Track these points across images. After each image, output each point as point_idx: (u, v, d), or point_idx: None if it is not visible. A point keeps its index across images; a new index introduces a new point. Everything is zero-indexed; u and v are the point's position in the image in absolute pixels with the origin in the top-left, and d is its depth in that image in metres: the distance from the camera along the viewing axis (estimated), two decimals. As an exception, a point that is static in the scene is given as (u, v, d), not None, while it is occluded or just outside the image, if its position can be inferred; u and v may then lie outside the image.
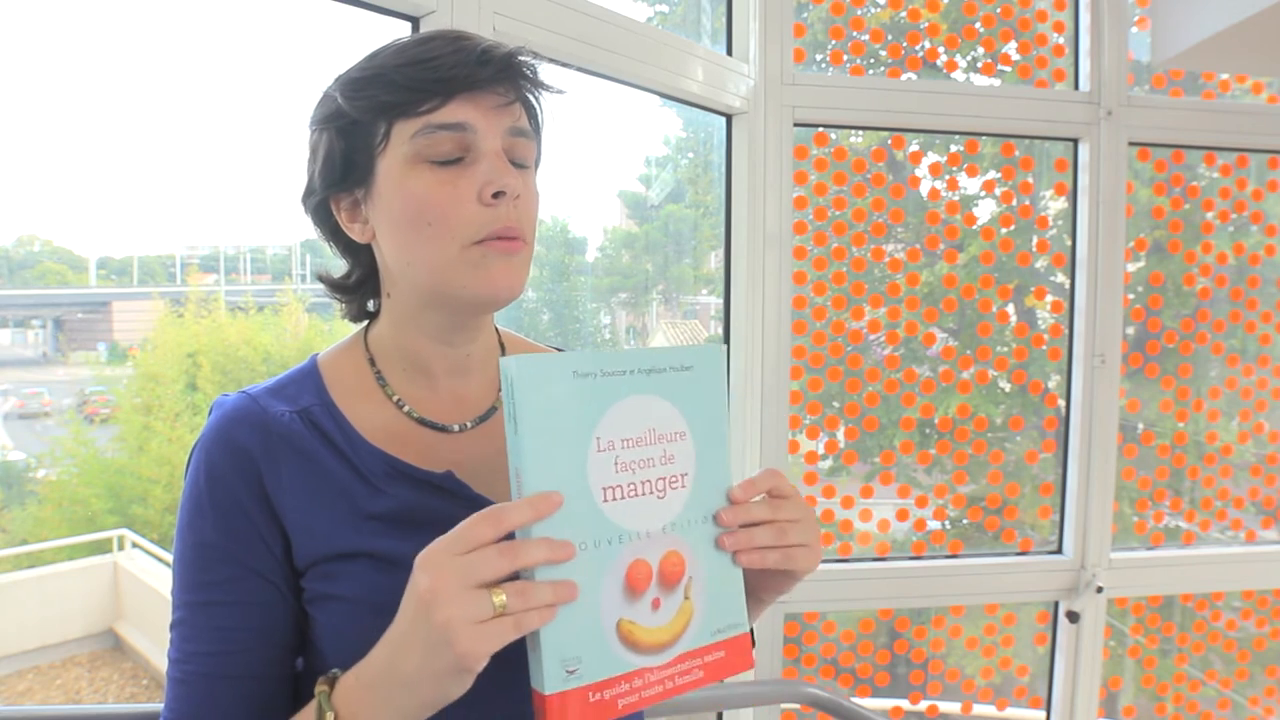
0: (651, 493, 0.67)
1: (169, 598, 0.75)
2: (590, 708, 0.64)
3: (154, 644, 7.45)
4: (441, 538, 0.61)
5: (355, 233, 0.78)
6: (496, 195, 0.72)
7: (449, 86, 0.71)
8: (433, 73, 0.71)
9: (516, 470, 0.63)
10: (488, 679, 0.62)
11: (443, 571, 0.59)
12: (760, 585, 0.76)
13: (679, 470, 0.69)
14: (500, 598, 0.59)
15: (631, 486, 0.66)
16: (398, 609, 0.71)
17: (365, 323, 0.85)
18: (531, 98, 0.78)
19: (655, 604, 0.67)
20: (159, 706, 0.76)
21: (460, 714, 0.64)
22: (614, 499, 0.65)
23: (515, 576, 0.61)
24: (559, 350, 0.95)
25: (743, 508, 0.71)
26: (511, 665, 0.63)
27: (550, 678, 0.62)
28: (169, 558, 7.62)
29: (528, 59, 0.75)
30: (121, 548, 8.04)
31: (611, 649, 0.65)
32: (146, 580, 7.59)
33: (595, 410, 0.65)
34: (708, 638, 0.71)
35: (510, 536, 0.62)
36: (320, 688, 0.67)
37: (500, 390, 0.85)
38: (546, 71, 0.78)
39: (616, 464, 0.66)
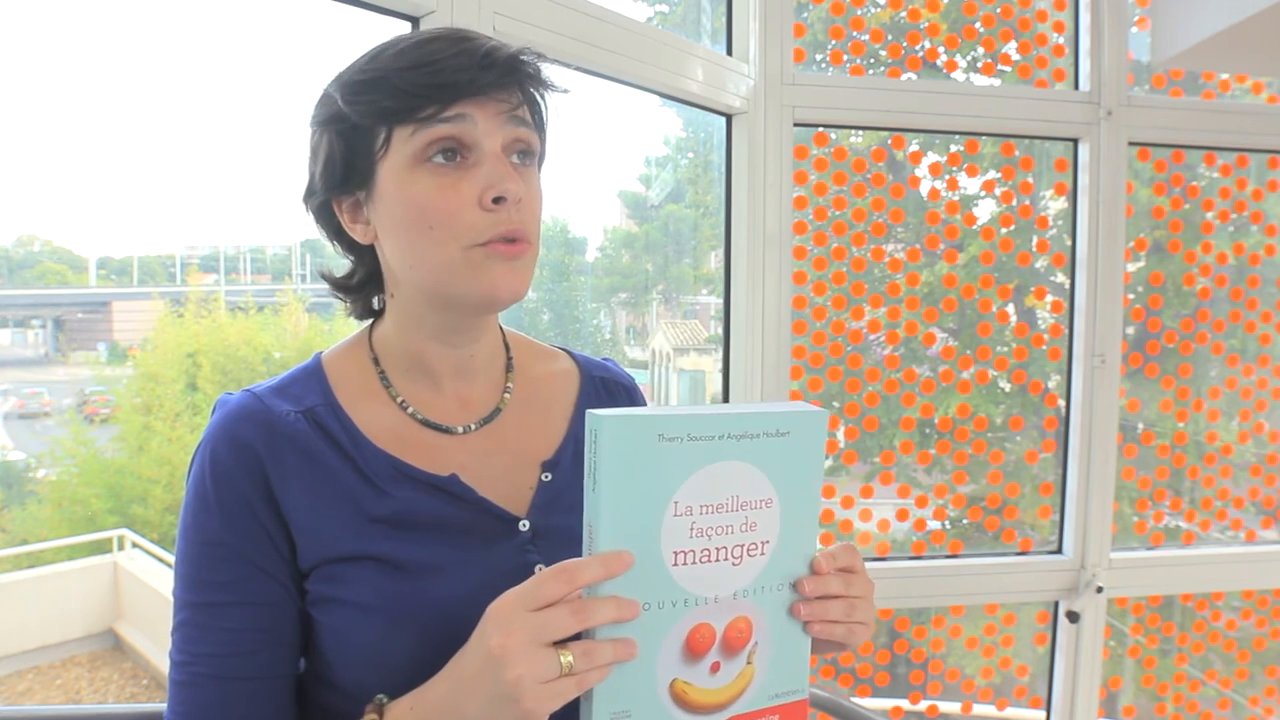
0: (727, 559, 0.66)
1: (169, 598, 0.75)
2: None
3: (154, 644, 7.45)
4: (513, 590, 0.62)
5: (358, 234, 0.77)
6: (497, 200, 0.71)
7: (451, 91, 0.70)
8: (434, 77, 0.70)
9: (590, 526, 0.63)
10: None
11: (514, 627, 0.60)
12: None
13: (760, 538, 0.67)
14: (568, 658, 0.60)
15: (706, 553, 0.65)
16: (402, 613, 0.71)
17: (370, 321, 0.85)
18: (536, 95, 0.77)
19: (714, 668, 0.67)
20: (159, 706, 0.76)
21: None
22: (684, 563, 0.64)
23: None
24: (564, 350, 0.95)
25: (823, 579, 0.71)
26: (563, 712, 0.64)
27: None
28: (169, 558, 7.63)
29: (531, 59, 0.74)
30: (121, 548, 8.05)
31: (663, 706, 0.65)
32: (146, 580, 7.59)
33: (678, 475, 0.63)
34: (765, 701, 0.70)
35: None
36: (370, 715, 0.67)
37: (505, 392, 0.84)
38: (550, 70, 0.77)
39: (693, 529, 0.64)
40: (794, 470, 0.69)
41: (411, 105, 0.70)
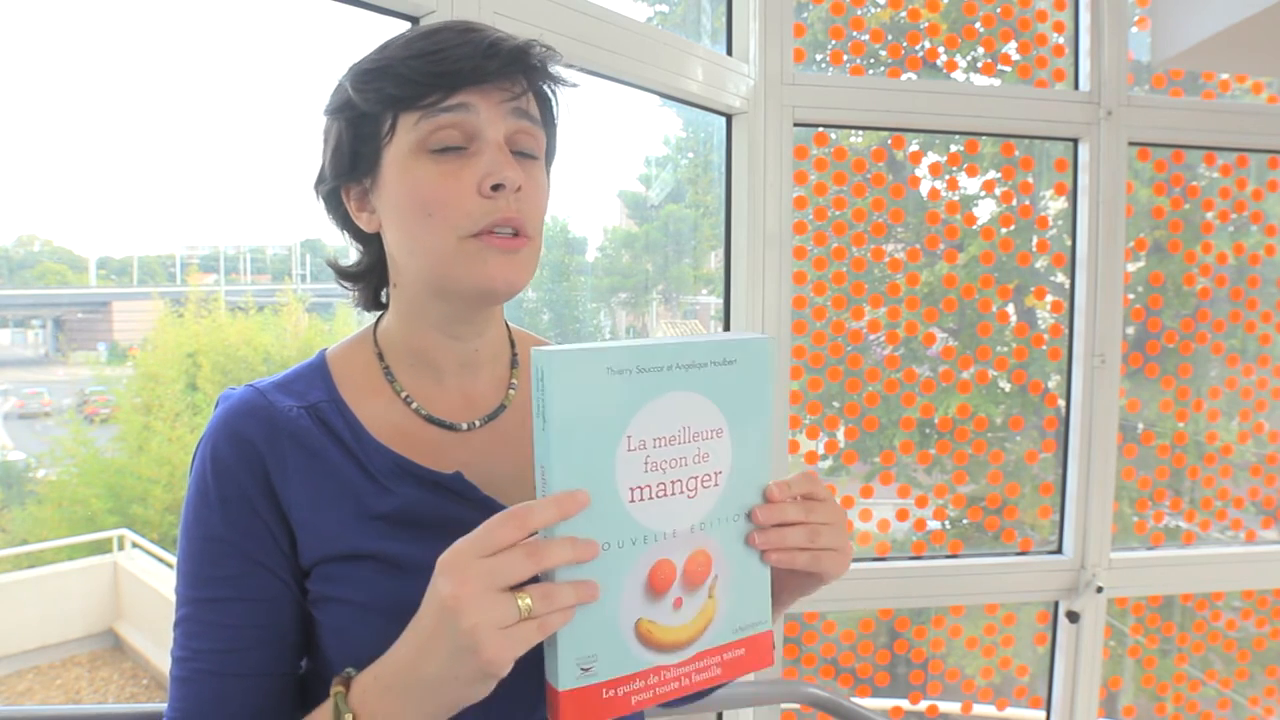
0: (682, 492, 0.65)
1: (169, 597, 0.75)
2: (603, 703, 0.63)
3: (154, 644, 7.45)
4: (464, 539, 0.60)
5: (363, 222, 0.78)
6: (495, 188, 0.72)
7: (454, 80, 0.71)
8: (438, 65, 0.70)
9: (542, 467, 0.61)
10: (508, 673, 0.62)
11: (467, 575, 0.58)
12: (784, 587, 0.75)
13: (713, 469, 0.67)
14: (525, 601, 0.58)
15: (661, 486, 0.64)
16: (403, 613, 0.70)
17: (375, 317, 0.85)
18: (545, 89, 0.77)
19: (677, 603, 0.66)
20: (159, 706, 0.76)
21: (479, 709, 0.64)
22: (641, 499, 0.63)
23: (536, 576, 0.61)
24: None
25: (777, 507, 0.70)
26: (529, 659, 0.63)
27: (565, 674, 0.62)
28: (169, 557, 7.63)
29: (539, 51, 0.74)
30: (121, 548, 8.05)
31: (629, 648, 0.64)
32: (146, 580, 7.59)
33: (628, 409, 0.62)
34: (729, 635, 0.69)
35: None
36: (336, 688, 0.66)
37: (510, 388, 0.84)
38: (558, 64, 0.77)
39: (647, 463, 0.63)
40: (743, 399, 0.68)
41: (416, 92, 0.71)
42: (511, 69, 0.72)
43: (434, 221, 0.72)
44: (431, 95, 0.71)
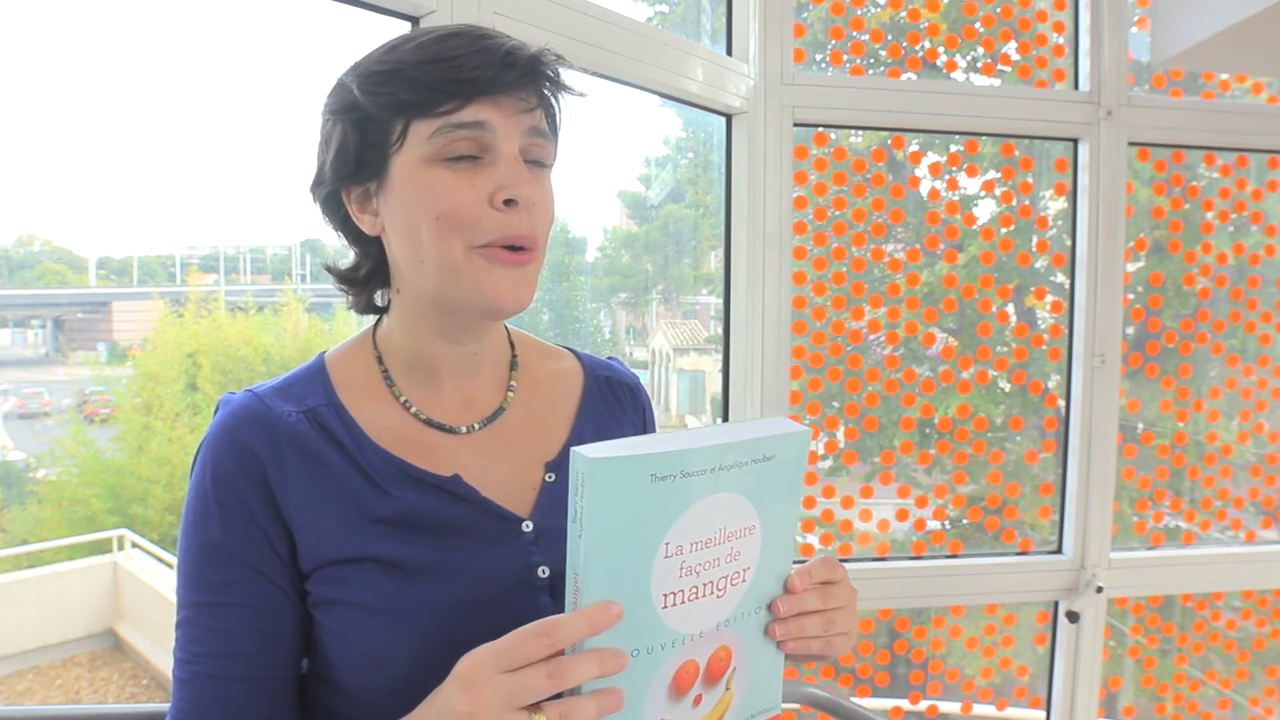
0: (712, 593, 0.63)
1: (169, 598, 0.75)
2: None
3: (154, 644, 7.45)
4: (486, 648, 0.58)
5: (365, 225, 0.77)
6: (509, 202, 0.71)
7: (471, 88, 0.70)
8: (455, 73, 0.69)
9: (576, 575, 0.58)
10: None
11: (484, 692, 0.56)
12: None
13: (743, 566, 0.65)
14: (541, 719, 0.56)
15: (694, 590, 0.62)
16: (404, 614, 0.70)
17: (374, 320, 0.84)
18: (552, 99, 0.77)
19: (696, 700, 0.65)
20: (159, 706, 0.76)
21: None
22: (674, 604, 0.61)
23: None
24: (568, 349, 0.94)
25: (799, 598, 0.69)
26: None
27: None
28: (169, 558, 7.63)
29: (551, 60, 0.74)
30: (121, 548, 8.04)
31: None
32: (146, 580, 7.59)
33: (669, 515, 0.59)
34: None
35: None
36: None
37: (509, 390, 0.84)
38: (568, 73, 0.77)
39: (682, 569, 0.61)
40: (776, 493, 0.66)
41: (430, 99, 0.70)
42: (526, 79, 0.72)
43: (443, 229, 0.71)
44: (446, 103, 0.70)
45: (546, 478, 0.81)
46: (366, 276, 0.82)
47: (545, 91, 0.75)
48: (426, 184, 0.71)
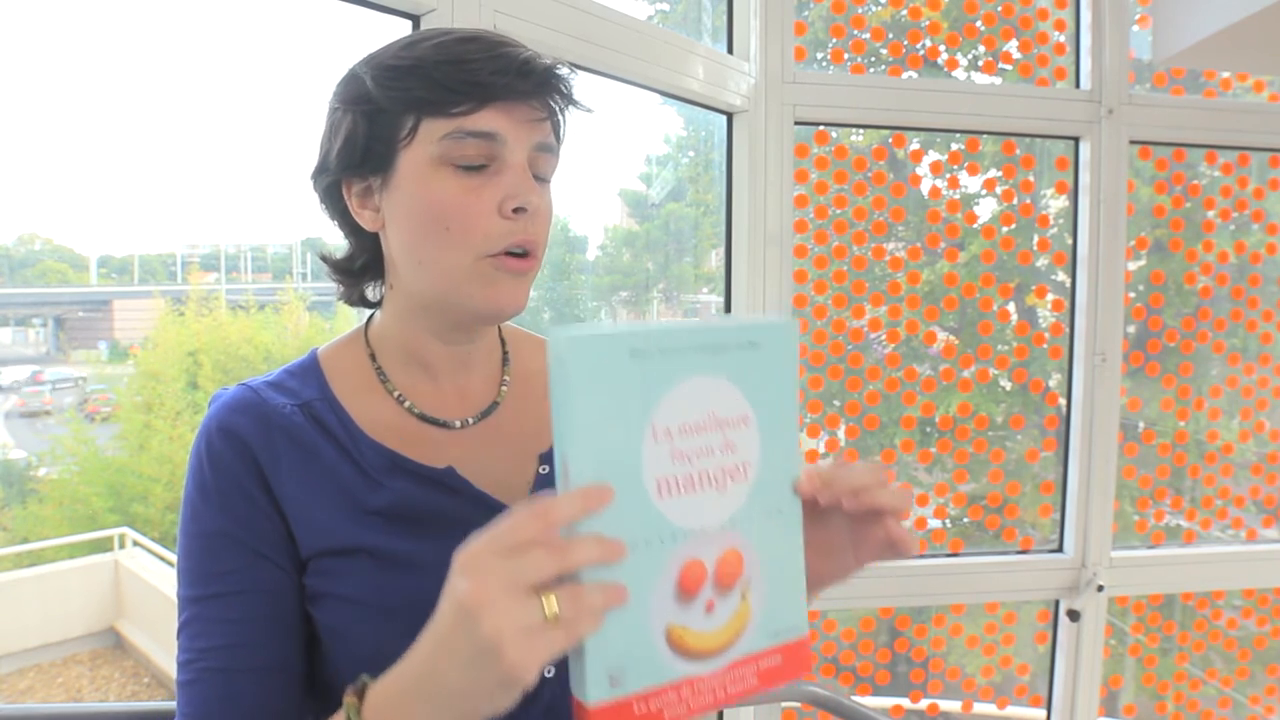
0: (710, 485, 0.61)
1: (170, 596, 0.75)
2: (636, 719, 0.59)
3: (155, 642, 7.47)
4: (482, 534, 0.55)
5: (365, 220, 0.77)
6: (517, 210, 0.72)
7: (486, 93, 0.70)
8: (472, 76, 0.70)
9: (564, 458, 0.56)
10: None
11: (487, 575, 0.53)
12: (824, 570, 0.71)
13: (741, 459, 0.62)
14: (552, 603, 0.53)
15: (689, 479, 0.60)
16: (398, 608, 0.69)
17: (367, 316, 0.84)
18: (560, 112, 0.77)
19: (709, 607, 0.61)
20: (159, 705, 0.76)
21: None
22: (669, 493, 0.59)
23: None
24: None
25: (828, 474, 0.66)
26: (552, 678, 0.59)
27: (593, 687, 0.57)
28: (170, 556, 7.64)
29: (564, 74, 0.74)
30: (122, 546, 8.06)
31: (660, 656, 0.59)
32: (147, 578, 7.61)
33: (653, 395, 0.58)
34: (765, 642, 0.65)
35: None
36: (349, 699, 0.62)
37: (502, 384, 0.84)
38: (578, 88, 0.77)
39: (673, 453, 0.59)
40: (768, 385, 0.63)
41: (445, 99, 0.70)
42: (541, 90, 0.73)
43: (452, 236, 0.71)
44: (461, 104, 0.70)
45: (540, 470, 0.81)
46: (361, 269, 0.82)
47: (555, 104, 0.75)
48: (435, 190, 0.71)
